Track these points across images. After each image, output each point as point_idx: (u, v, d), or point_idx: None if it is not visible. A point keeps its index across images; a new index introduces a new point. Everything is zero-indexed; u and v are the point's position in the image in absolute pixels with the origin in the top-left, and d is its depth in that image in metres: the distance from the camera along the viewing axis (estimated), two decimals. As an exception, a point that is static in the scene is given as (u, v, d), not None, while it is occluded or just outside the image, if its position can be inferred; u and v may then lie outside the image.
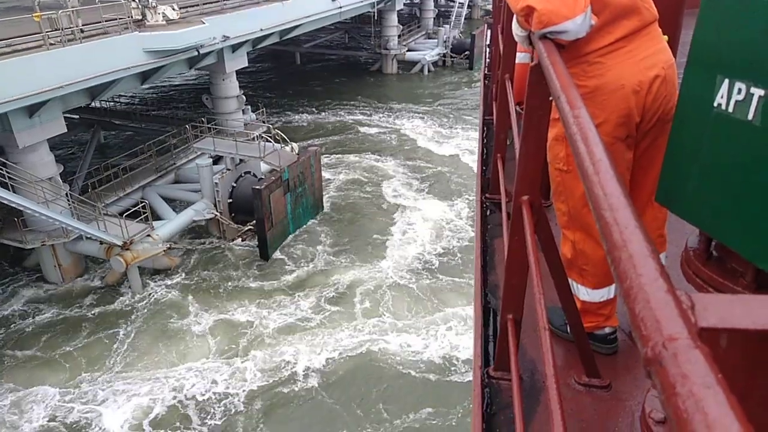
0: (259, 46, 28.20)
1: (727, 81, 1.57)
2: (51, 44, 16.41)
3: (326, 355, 16.01)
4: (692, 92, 1.74)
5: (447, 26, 45.74)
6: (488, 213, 4.59)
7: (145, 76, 21.02)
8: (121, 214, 18.88)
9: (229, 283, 19.20)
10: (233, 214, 21.64)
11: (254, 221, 20.67)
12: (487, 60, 8.71)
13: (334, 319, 17.40)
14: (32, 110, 16.42)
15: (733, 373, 0.67)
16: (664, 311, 0.64)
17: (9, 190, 16.08)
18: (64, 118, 18.34)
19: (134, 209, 19.31)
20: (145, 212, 19.08)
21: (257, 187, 19.80)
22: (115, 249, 18.01)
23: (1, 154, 16.21)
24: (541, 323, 1.90)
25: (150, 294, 18.68)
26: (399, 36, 43.08)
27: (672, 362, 0.58)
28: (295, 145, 24.08)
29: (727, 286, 1.73)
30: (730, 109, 1.56)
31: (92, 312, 17.94)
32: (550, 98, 1.79)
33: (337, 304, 18.04)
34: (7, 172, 16.09)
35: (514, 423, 2.05)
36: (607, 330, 2.77)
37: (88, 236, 18.06)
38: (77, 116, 27.26)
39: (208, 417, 14.28)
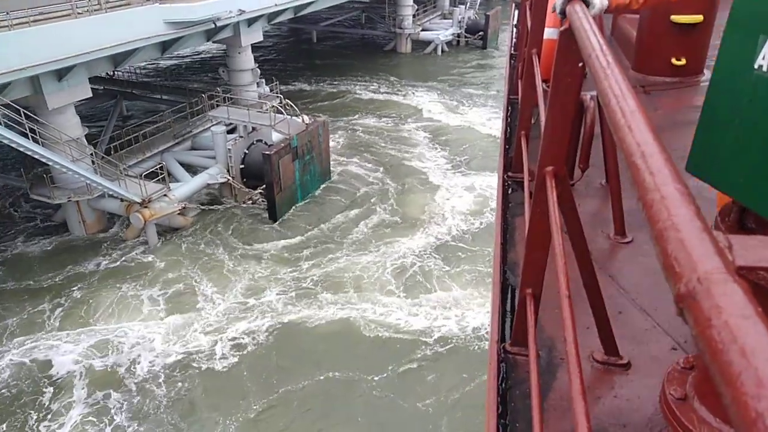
0: (274, 22, 28.04)
1: None
2: (78, 13, 16.97)
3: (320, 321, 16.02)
4: (731, 54, 1.62)
5: (463, 6, 44.76)
6: (510, 191, 4.41)
7: (164, 46, 21.28)
8: (140, 176, 19.51)
9: (235, 243, 19.56)
10: (245, 179, 22.13)
11: (264, 185, 21.03)
12: (514, 39, 8.27)
13: (334, 285, 17.40)
14: (61, 74, 16.95)
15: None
16: (700, 249, 0.59)
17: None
18: (90, 89, 18.88)
19: (152, 170, 19.93)
20: (163, 173, 19.67)
21: (267, 152, 20.22)
22: (135, 206, 18.59)
23: (29, 119, 16.65)
24: (563, 291, 1.80)
25: (162, 249, 19.23)
26: (414, 16, 42.32)
27: (706, 296, 0.53)
28: (305, 116, 24.12)
29: None
30: None
31: (101, 264, 18.45)
32: (581, 64, 1.70)
33: (338, 272, 18.00)
34: (39, 129, 16.63)
35: (529, 397, 1.96)
36: None
37: (110, 194, 18.60)
38: (101, 87, 27.62)
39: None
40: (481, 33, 43.24)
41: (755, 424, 0.42)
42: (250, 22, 24.05)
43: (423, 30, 42.95)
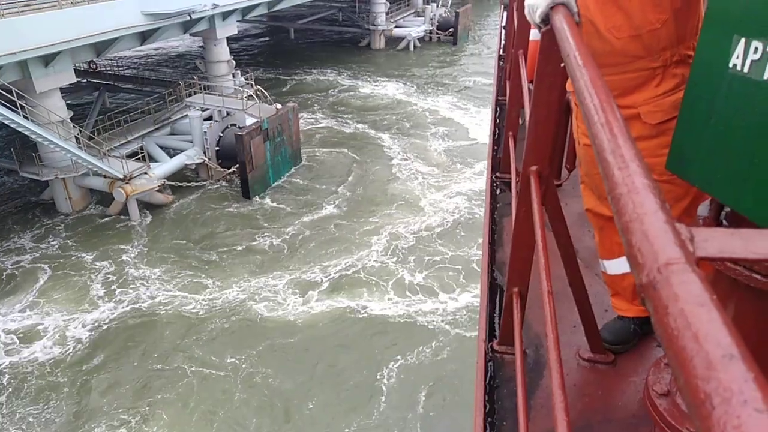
0: (248, 16, 27.94)
1: (743, 40, 1.39)
2: (63, 4, 17.67)
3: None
4: (707, 54, 1.55)
5: (434, 4, 44.40)
6: (498, 192, 4.27)
7: (144, 36, 21.48)
8: (122, 156, 19.89)
9: (209, 218, 19.99)
10: (220, 161, 22.44)
11: (237, 165, 21.17)
12: (502, 41, 7.87)
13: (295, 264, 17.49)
14: (47, 60, 17.42)
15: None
16: (662, 240, 0.59)
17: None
18: (74, 75, 19.40)
19: (133, 151, 20.38)
20: (143, 153, 20.21)
21: (239, 133, 20.50)
22: (118, 183, 19.03)
23: (20, 99, 16.91)
24: (545, 287, 1.74)
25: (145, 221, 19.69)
26: (387, 13, 41.84)
27: (665, 285, 0.53)
28: (278, 105, 23.95)
29: None
30: (746, 69, 1.39)
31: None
32: (562, 64, 1.61)
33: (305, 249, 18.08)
34: (29, 107, 17.06)
35: (516, 396, 1.91)
36: None
37: (95, 172, 19.06)
38: (85, 80, 27.49)
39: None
40: (451, 29, 42.99)
41: (703, 404, 0.43)
42: (225, 15, 24.19)
43: (396, 27, 42.54)
